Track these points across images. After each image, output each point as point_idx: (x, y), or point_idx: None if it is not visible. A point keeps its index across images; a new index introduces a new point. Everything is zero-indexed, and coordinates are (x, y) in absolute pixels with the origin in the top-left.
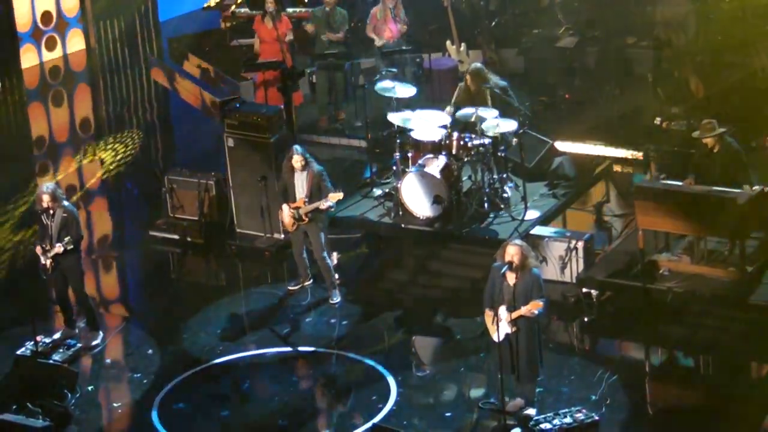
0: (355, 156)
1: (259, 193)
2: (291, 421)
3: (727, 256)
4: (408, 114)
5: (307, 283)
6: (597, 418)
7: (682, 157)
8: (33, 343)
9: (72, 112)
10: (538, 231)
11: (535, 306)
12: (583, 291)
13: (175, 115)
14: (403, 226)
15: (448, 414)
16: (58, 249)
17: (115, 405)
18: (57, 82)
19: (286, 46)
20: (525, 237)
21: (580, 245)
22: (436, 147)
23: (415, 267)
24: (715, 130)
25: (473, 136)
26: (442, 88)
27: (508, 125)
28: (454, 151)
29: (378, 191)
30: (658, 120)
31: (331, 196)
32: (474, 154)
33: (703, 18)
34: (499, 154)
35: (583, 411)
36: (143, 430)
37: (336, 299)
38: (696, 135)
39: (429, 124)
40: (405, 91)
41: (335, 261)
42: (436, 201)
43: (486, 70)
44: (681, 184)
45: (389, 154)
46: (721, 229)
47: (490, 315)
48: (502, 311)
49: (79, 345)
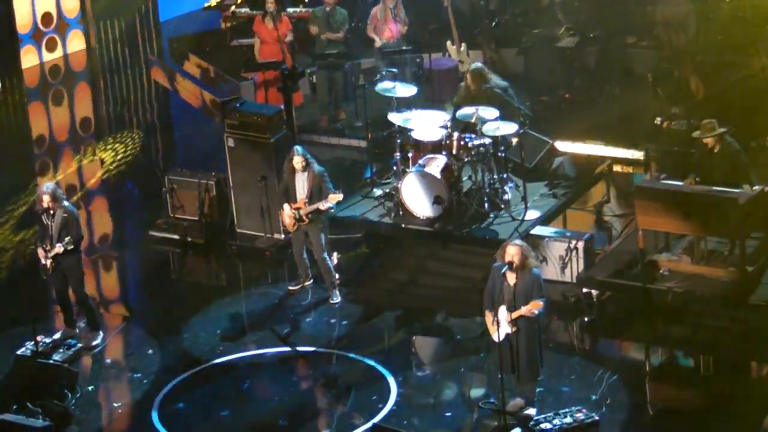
0: (355, 156)
1: (259, 193)
2: (291, 421)
3: (727, 256)
4: (408, 114)
5: (307, 283)
6: (597, 417)
7: (682, 157)
8: (33, 343)
9: (72, 111)
10: (538, 231)
11: (535, 306)
12: (584, 291)
13: (175, 115)
14: (403, 226)
15: (448, 414)
16: (58, 249)
17: (115, 405)
18: (57, 81)
19: (287, 47)
20: (525, 237)
21: (580, 245)
22: (437, 147)
23: (415, 267)
24: (716, 130)
25: (473, 136)
26: (443, 89)
27: (508, 128)
28: (454, 151)
29: (378, 191)
30: (658, 120)
31: (330, 197)
32: (474, 154)
33: (704, 18)
34: (499, 154)
35: (584, 411)
36: (143, 430)
37: (336, 299)
38: (696, 135)
39: (429, 124)
40: (405, 90)
41: (335, 261)
42: (437, 201)
43: (487, 70)
44: (681, 184)
45: (389, 154)
46: (722, 229)
47: (490, 316)
48: (503, 311)
49: (80, 345)
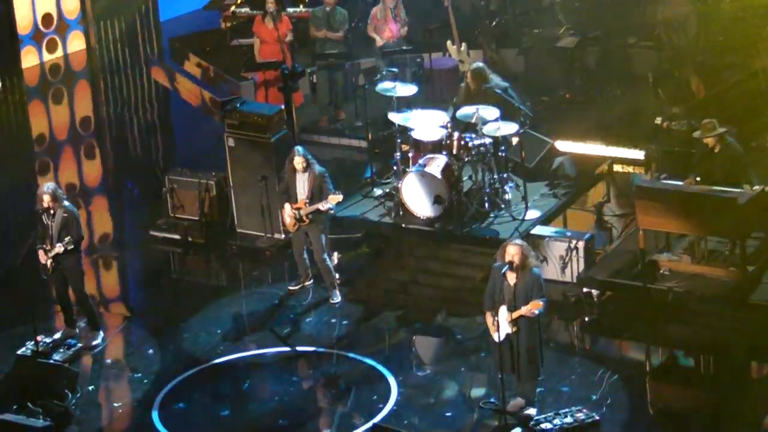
0: (356, 156)
1: (259, 192)
2: (291, 421)
3: (727, 256)
4: (408, 114)
5: (307, 283)
6: (598, 417)
7: (682, 157)
8: (33, 342)
9: (72, 110)
10: (538, 231)
11: (535, 306)
12: (584, 291)
13: (175, 115)
14: (403, 226)
15: (448, 414)
16: (58, 249)
17: (115, 405)
18: (57, 79)
19: (287, 46)
20: (525, 237)
21: (580, 245)
22: (437, 147)
23: (416, 267)
24: (716, 130)
25: (474, 135)
26: (443, 88)
27: (508, 128)
28: (454, 151)
29: (378, 191)
30: (658, 120)
31: (330, 198)
32: (474, 153)
33: (704, 18)
34: (499, 154)
35: (584, 411)
36: (144, 430)
37: (336, 299)
38: (696, 135)
39: (429, 123)
40: (406, 90)
41: (335, 261)
42: (437, 201)
43: (487, 70)
44: (681, 184)
45: (390, 153)
46: (722, 229)
47: (490, 317)
48: (503, 311)
49: (80, 345)
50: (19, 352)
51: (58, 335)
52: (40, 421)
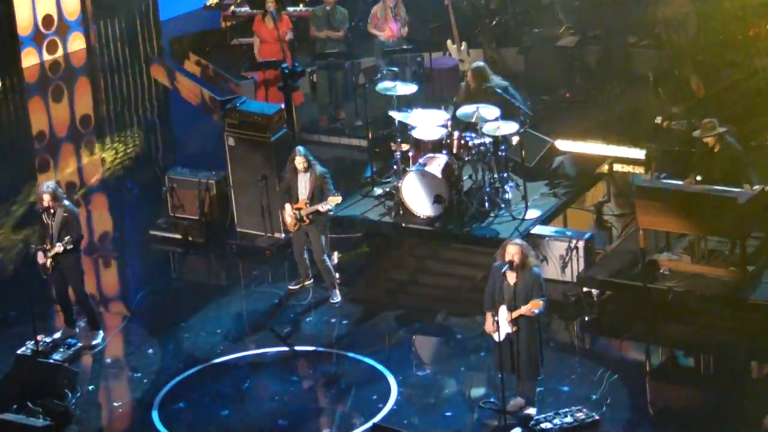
0: (356, 155)
1: (259, 192)
2: (291, 421)
3: (727, 256)
4: (409, 113)
5: (307, 282)
6: (597, 417)
7: (682, 157)
8: (33, 342)
9: (72, 107)
10: (538, 230)
11: (535, 305)
12: (584, 290)
13: (175, 114)
14: (403, 225)
15: (448, 414)
16: (58, 248)
17: (115, 404)
18: (57, 76)
19: (287, 46)
20: (525, 236)
21: (580, 244)
22: (437, 146)
23: (415, 267)
24: (716, 130)
25: (474, 135)
26: (443, 88)
27: (508, 127)
28: (454, 151)
29: (379, 190)
30: (658, 119)
31: (330, 200)
32: (475, 153)
33: (704, 17)
34: (499, 153)
35: (584, 410)
36: (144, 429)
37: (336, 299)
38: (696, 134)
39: (429, 123)
40: (406, 89)
41: (335, 261)
42: (437, 200)
43: (487, 69)
44: (681, 183)
45: (390, 153)
46: (722, 229)
47: (490, 318)
48: (503, 311)
49: (80, 344)
50: (19, 352)
51: (58, 335)
52: (40, 421)
